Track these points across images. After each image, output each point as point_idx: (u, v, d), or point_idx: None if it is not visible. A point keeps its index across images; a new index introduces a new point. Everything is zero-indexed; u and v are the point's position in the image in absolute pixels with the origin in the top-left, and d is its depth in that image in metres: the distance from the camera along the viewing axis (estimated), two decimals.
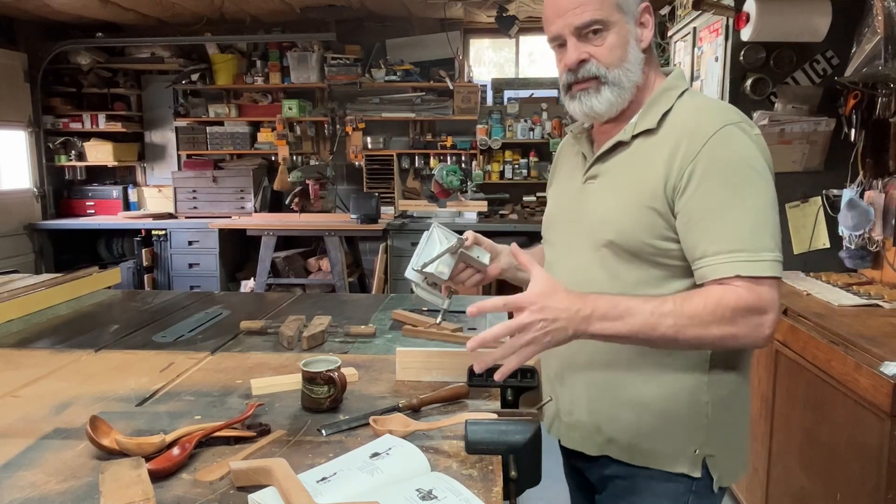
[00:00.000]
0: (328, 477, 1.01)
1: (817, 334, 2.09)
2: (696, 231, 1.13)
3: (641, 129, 1.21)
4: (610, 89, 1.21)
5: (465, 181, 5.53)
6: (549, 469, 1.25)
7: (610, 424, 1.24)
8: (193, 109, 5.89)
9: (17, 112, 5.40)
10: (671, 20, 3.87)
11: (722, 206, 1.12)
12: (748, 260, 1.09)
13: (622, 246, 1.19)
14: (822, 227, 2.87)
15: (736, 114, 1.19)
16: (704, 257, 1.12)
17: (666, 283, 1.19)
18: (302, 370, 1.32)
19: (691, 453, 1.20)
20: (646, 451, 1.22)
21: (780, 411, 2.37)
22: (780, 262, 1.12)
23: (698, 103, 1.23)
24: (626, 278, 1.20)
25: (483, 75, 6.04)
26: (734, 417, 1.25)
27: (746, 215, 1.11)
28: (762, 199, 1.13)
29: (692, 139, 1.15)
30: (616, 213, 1.20)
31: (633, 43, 1.21)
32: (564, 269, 1.29)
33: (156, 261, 5.58)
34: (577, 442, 1.30)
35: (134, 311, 2.22)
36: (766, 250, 1.10)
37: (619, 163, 1.24)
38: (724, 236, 1.11)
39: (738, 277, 1.09)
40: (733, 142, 1.14)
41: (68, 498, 1.00)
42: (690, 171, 1.13)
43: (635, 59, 1.21)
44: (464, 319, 2.01)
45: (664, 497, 1.22)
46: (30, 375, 1.55)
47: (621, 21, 1.19)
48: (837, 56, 2.74)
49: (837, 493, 1.95)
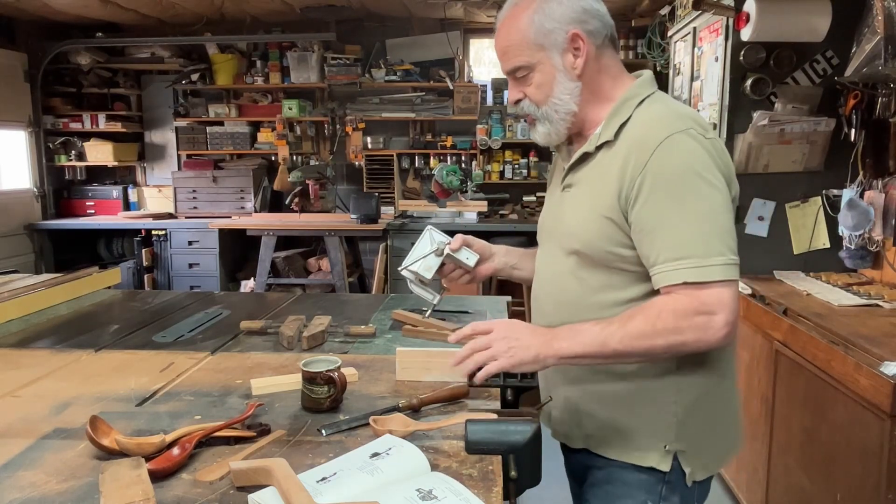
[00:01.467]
0: (328, 477, 1.01)
1: (817, 334, 2.09)
2: (647, 241, 1.18)
3: (602, 140, 1.26)
4: (542, 124, 1.31)
5: (465, 181, 5.53)
6: (549, 469, 1.25)
7: (586, 419, 1.31)
8: (193, 109, 5.89)
9: (17, 112, 5.40)
10: (671, 20, 3.87)
11: (668, 216, 1.16)
12: (694, 266, 1.14)
13: (586, 254, 1.26)
14: (822, 227, 2.87)
15: (686, 120, 1.21)
16: (656, 265, 1.18)
17: (629, 286, 1.25)
18: (302, 370, 1.32)
19: (661, 448, 1.26)
20: (618, 445, 1.29)
21: (780, 411, 2.37)
22: (732, 264, 1.15)
23: (652, 113, 1.25)
24: (593, 283, 1.27)
25: (483, 75, 6.04)
26: (708, 415, 1.29)
27: (693, 222, 1.15)
28: (708, 204, 1.16)
29: (640, 150, 1.19)
30: (581, 223, 1.27)
31: (562, 75, 1.26)
32: (544, 274, 1.38)
33: (156, 261, 5.57)
34: (561, 435, 1.38)
35: (134, 311, 2.22)
36: (715, 254, 1.14)
37: (587, 173, 1.30)
38: (671, 244, 1.16)
39: (685, 284, 1.14)
40: (678, 150, 1.17)
41: (68, 498, 1.00)
42: (640, 182, 1.18)
43: (565, 91, 1.27)
44: (464, 320, 2.02)
45: (638, 487, 1.28)
46: (30, 375, 1.55)
47: (544, 58, 1.26)
48: (837, 56, 2.75)
49: (837, 493, 1.95)
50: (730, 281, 1.14)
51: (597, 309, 1.24)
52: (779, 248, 2.89)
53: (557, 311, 1.32)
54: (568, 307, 1.30)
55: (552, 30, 1.24)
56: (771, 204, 2.88)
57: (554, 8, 1.24)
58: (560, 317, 1.29)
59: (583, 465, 1.37)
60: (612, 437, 1.29)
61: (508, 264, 1.53)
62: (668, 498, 1.27)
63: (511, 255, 1.55)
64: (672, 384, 1.25)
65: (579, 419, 1.32)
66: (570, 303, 1.29)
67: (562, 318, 1.27)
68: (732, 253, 1.15)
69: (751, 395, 2.59)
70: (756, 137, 2.77)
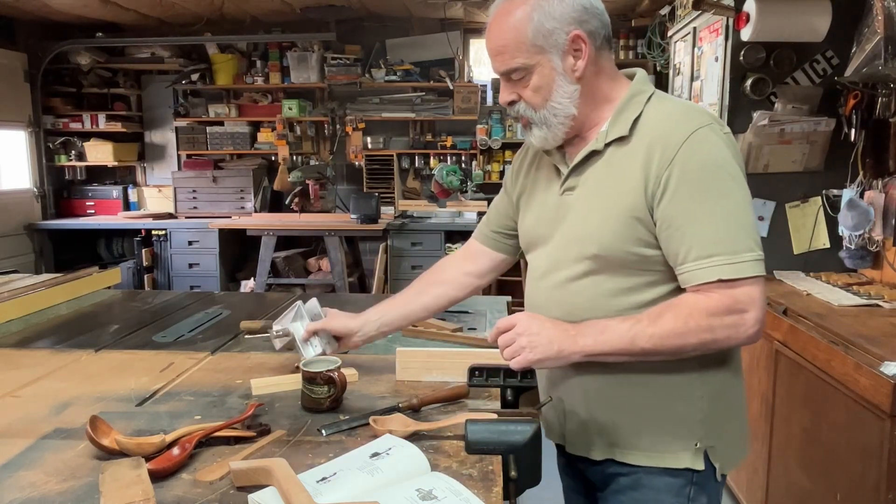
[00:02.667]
0: (328, 477, 1.01)
1: (817, 334, 2.09)
2: (676, 237, 1.15)
3: (614, 136, 1.22)
4: (538, 128, 1.24)
5: (465, 181, 5.53)
6: (549, 469, 1.25)
7: (610, 429, 1.25)
8: (193, 109, 5.89)
9: (17, 112, 5.40)
10: (671, 20, 3.87)
11: (698, 212, 1.13)
12: (727, 263, 1.11)
13: (606, 257, 1.20)
14: (822, 227, 2.87)
15: (705, 115, 1.19)
16: (685, 263, 1.14)
17: (650, 289, 1.20)
18: (302, 370, 1.32)
19: (692, 447, 1.22)
20: (648, 450, 1.23)
21: (780, 411, 2.37)
22: (761, 259, 1.14)
23: (668, 108, 1.22)
24: (611, 287, 1.21)
25: (483, 75, 6.03)
26: (730, 407, 1.27)
27: (722, 218, 1.13)
28: (735, 199, 1.14)
29: (666, 145, 1.15)
30: (599, 225, 1.20)
31: (562, 78, 1.20)
32: (550, 283, 1.29)
33: (156, 261, 5.58)
34: (580, 448, 1.30)
35: (134, 311, 2.22)
36: (745, 250, 1.12)
37: (596, 172, 1.24)
38: (701, 241, 1.13)
39: (720, 281, 1.12)
40: (705, 146, 1.15)
41: (68, 498, 1.00)
42: (667, 178, 1.14)
43: (564, 94, 1.21)
44: (464, 319, 2.02)
45: (666, 491, 1.24)
46: (30, 375, 1.55)
47: (544, 61, 1.19)
48: (837, 56, 2.74)
49: (837, 493, 1.95)
50: (759, 277, 1.13)
51: (613, 313, 1.19)
52: (779, 248, 2.88)
53: (566, 318, 1.23)
54: (579, 314, 1.22)
55: (552, 30, 1.17)
56: (771, 204, 2.88)
57: (555, 6, 1.17)
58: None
59: (603, 475, 1.30)
60: (640, 444, 1.24)
61: (373, 330, 1.46)
62: (696, 499, 1.23)
63: (370, 322, 1.47)
64: (696, 379, 1.22)
65: (602, 430, 1.26)
66: (582, 309, 1.22)
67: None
68: (759, 248, 1.14)
69: (751, 395, 2.59)
70: (756, 137, 2.77)
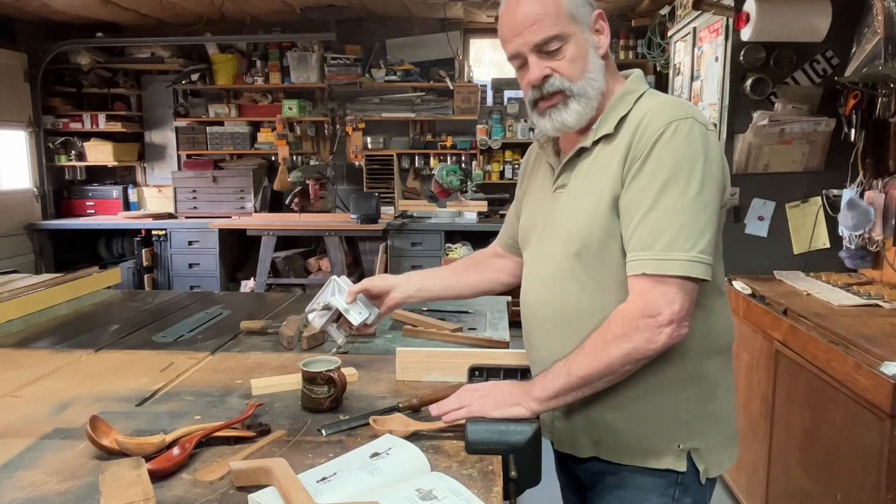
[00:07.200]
0: (328, 477, 1.01)
1: (817, 334, 2.09)
2: (625, 225, 1.16)
3: (601, 133, 1.23)
4: (577, 101, 1.21)
5: (465, 181, 5.53)
6: (549, 469, 1.26)
7: (594, 427, 1.26)
8: (193, 109, 5.89)
9: (17, 112, 5.40)
10: (671, 20, 3.87)
11: (648, 202, 1.12)
12: (655, 258, 1.10)
13: (590, 252, 1.20)
14: (822, 227, 2.87)
15: (686, 109, 1.18)
16: (628, 252, 1.15)
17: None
18: (302, 370, 1.32)
19: (675, 448, 1.22)
20: (631, 449, 1.24)
21: (780, 411, 2.37)
22: (698, 262, 1.10)
23: (652, 102, 1.22)
24: (597, 283, 1.21)
25: (483, 75, 6.04)
26: (716, 410, 1.26)
27: (671, 212, 1.11)
28: (689, 196, 1.11)
29: (641, 137, 1.16)
30: (582, 221, 1.21)
31: (592, 52, 1.22)
32: (539, 279, 1.31)
33: (156, 261, 5.58)
34: (566, 445, 1.32)
35: (134, 311, 2.22)
36: (680, 249, 1.09)
37: (583, 169, 1.25)
38: (642, 232, 1.12)
39: (644, 276, 1.11)
40: (677, 138, 1.13)
41: (68, 498, 1.00)
42: (637, 166, 1.14)
43: (596, 68, 1.22)
44: (464, 319, 2.02)
45: (651, 491, 1.24)
46: (30, 375, 1.55)
47: (577, 32, 1.20)
48: (837, 56, 2.74)
49: (837, 493, 1.95)
50: (689, 279, 1.10)
51: (598, 310, 1.19)
52: (779, 248, 2.88)
53: (554, 315, 1.26)
54: (567, 311, 1.24)
55: (582, 3, 1.20)
56: (771, 204, 2.88)
57: None
58: (556, 320, 1.25)
59: (590, 473, 1.31)
60: (624, 442, 1.24)
61: (412, 289, 1.46)
62: (681, 500, 1.24)
63: (412, 281, 1.48)
64: (683, 380, 1.21)
65: (587, 427, 1.26)
66: (569, 306, 1.24)
67: (558, 322, 1.25)
68: (702, 250, 1.10)
69: (751, 395, 2.59)
70: (756, 137, 2.77)
